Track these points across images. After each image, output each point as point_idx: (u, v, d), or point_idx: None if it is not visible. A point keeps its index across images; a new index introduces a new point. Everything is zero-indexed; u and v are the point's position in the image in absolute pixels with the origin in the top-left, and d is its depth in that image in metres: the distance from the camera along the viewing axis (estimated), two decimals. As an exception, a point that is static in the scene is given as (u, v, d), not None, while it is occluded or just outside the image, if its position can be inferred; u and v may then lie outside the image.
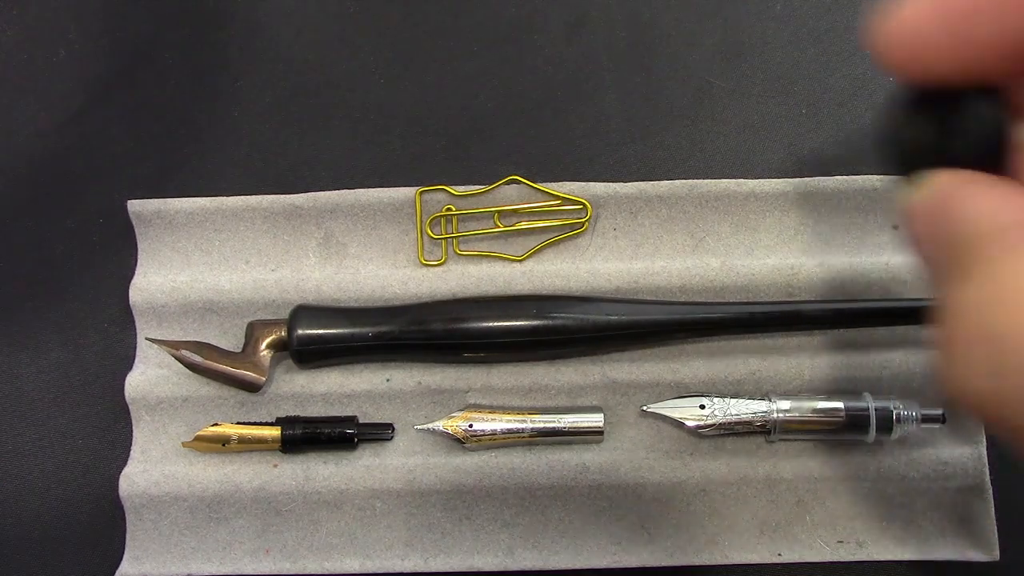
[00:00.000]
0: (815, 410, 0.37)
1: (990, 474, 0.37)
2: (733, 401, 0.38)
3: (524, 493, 0.38)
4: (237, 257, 0.41)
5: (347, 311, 0.39)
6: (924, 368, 0.38)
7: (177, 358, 0.38)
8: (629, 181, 0.41)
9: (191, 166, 0.43)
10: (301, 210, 0.41)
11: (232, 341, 0.40)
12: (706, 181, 0.41)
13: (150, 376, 0.40)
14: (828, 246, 0.40)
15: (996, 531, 0.37)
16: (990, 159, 0.19)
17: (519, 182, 0.41)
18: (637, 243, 0.41)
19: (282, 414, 0.39)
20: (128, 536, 0.38)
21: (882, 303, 0.38)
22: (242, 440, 0.38)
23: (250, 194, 0.41)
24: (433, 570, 0.38)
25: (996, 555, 0.37)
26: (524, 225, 0.41)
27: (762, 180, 0.41)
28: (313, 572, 0.38)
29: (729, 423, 0.37)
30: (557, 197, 0.41)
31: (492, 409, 0.38)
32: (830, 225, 0.41)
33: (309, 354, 0.38)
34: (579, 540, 0.38)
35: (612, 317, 0.38)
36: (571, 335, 0.38)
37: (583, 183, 0.41)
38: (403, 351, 0.39)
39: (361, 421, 0.39)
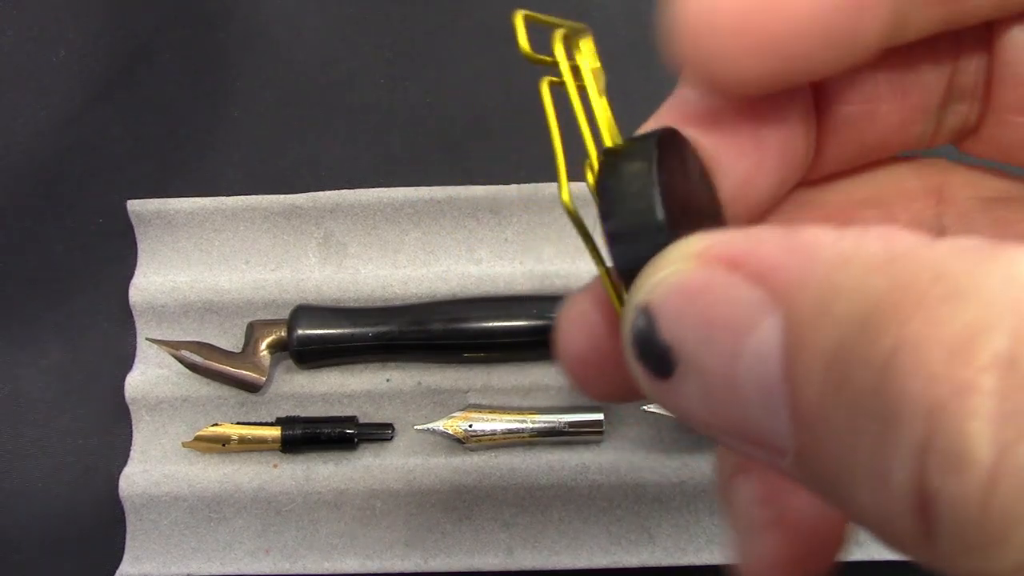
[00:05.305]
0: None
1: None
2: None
3: (524, 493, 0.38)
4: (237, 257, 0.41)
5: (347, 311, 0.39)
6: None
7: (177, 358, 0.38)
8: (629, 181, 0.41)
9: (191, 166, 0.43)
10: (301, 210, 0.41)
11: (232, 341, 0.40)
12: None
13: (150, 376, 0.40)
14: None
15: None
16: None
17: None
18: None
19: (282, 414, 0.39)
20: (128, 536, 0.38)
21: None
22: (242, 440, 0.38)
23: (250, 194, 0.41)
24: (433, 570, 0.38)
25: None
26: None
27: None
28: (313, 572, 0.38)
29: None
30: None
31: (492, 409, 0.38)
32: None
33: (309, 354, 0.38)
34: (579, 540, 0.38)
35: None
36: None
37: (583, 183, 0.41)
38: (403, 351, 0.39)
39: (361, 421, 0.39)
